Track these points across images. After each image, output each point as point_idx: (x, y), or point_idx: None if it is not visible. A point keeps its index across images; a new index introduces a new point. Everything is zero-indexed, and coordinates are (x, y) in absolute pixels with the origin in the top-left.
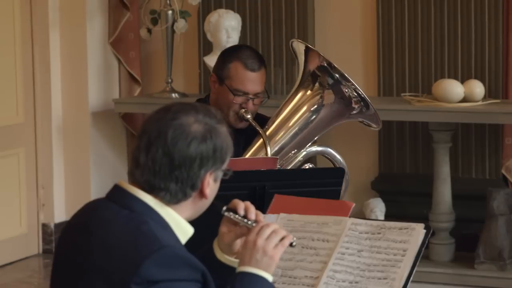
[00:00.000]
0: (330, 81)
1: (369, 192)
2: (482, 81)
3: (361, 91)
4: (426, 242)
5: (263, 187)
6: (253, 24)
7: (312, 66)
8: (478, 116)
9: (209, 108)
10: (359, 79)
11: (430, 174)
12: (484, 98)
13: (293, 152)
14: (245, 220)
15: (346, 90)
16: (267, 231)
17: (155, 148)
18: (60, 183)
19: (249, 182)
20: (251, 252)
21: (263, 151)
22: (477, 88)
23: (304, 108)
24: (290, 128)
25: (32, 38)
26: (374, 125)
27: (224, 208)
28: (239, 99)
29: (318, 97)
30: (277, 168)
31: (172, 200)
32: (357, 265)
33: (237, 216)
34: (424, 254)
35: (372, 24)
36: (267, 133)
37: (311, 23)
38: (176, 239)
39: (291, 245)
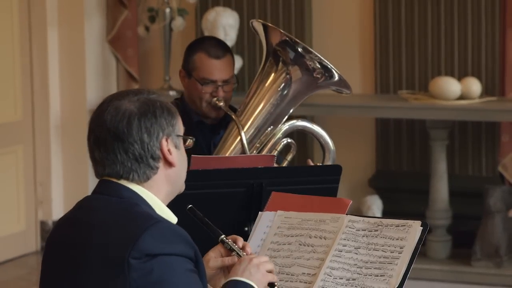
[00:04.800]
0: (293, 55)
1: (366, 189)
2: (479, 78)
3: (324, 60)
4: (423, 239)
5: (261, 185)
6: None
7: (274, 43)
8: (475, 113)
9: (137, 88)
10: (356, 77)
11: (427, 171)
12: (481, 95)
13: (269, 129)
14: (241, 251)
15: (310, 63)
16: (263, 258)
17: (103, 139)
18: (58, 181)
19: (247, 179)
20: (245, 266)
21: (238, 136)
22: (474, 85)
23: (273, 87)
24: (263, 108)
25: (31, 36)
26: (345, 91)
27: (223, 236)
28: (208, 88)
29: (284, 74)
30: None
31: (142, 177)
32: (354, 262)
33: (234, 244)
34: (421, 251)
35: (369, 22)
36: (240, 117)
37: (308, 20)
38: None
39: (273, 286)
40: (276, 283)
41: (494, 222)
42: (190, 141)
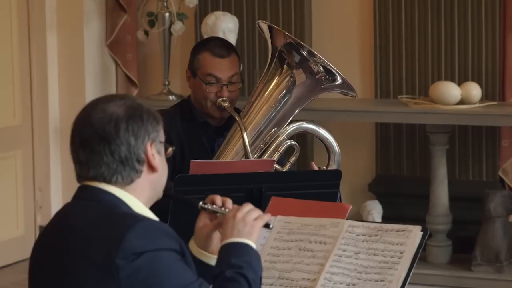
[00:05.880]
0: (298, 58)
1: (366, 194)
2: (479, 83)
3: (328, 64)
4: (423, 244)
5: (260, 189)
6: (250, 27)
7: (279, 45)
8: (475, 118)
9: (122, 94)
10: (356, 81)
11: (427, 176)
12: (481, 100)
13: (273, 130)
14: (223, 209)
15: (314, 66)
16: (245, 208)
17: (89, 141)
18: (57, 185)
19: (246, 184)
20: (232, 225)
21: (241, 137)
22: (474, 90)
23: (278, 89)
24: (267, 110)
25: (29, 41)
26: (351, 93)
27: (201, 202)
28: (213, 88)
29: (289, 77)
30: (273, 170)
31: (126, 180)
32: (354, 267)
33: (214, 206)
34: (421, 256)
35: (369, 27)
36: (244, 118)
37: (308, 25)
38: None
39: (268, 226)
40: (270, 223)
41: (495, 227)
42: (170, 150)
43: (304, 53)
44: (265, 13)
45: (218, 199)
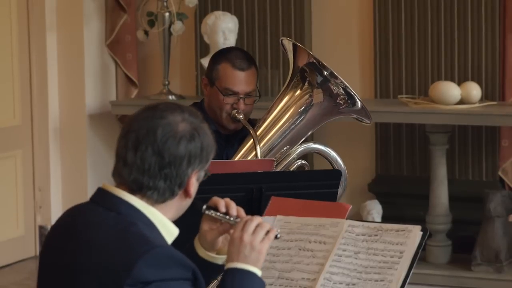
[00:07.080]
0: (319, 79)
1: (366, 194)
2: (479, 83)
3: (349, 87)
4: (423, 244)
5: (260, 189)
6: (250, 26)
7: (301, 63)
8: (475, 118)
9: (191, 108)
10: (356, 81)
11: (427, 176)
12: (481, 100)
13: (285, 148)
14: (227, 217)
15: (334, 88)
16: (252, 226)
17: (144, 147)
18: (57, 185)
19: (246, 184)
20: (238, 248)
21: (253, 150)
22: (474, 90)
23: (294, 107)
24: (281, 126)
25: (29, 40)
26: (366, 120)
27: (204, 206)
28: (230, 99)
29: (307, 96)
30: (273, 170)
31: (160, 198)
32: (354, 267)
33: (218, 213)
34: (421, 256)
35: (369, 26)
36: (258, 132)
37: (308, 25)
38: (163, 240)
39: (276, 237)
40: (278, 234)
41: (494, 227)
42: (207, 176)
43: (327, 74)
44: (265, 13)
45: (222, 205)
